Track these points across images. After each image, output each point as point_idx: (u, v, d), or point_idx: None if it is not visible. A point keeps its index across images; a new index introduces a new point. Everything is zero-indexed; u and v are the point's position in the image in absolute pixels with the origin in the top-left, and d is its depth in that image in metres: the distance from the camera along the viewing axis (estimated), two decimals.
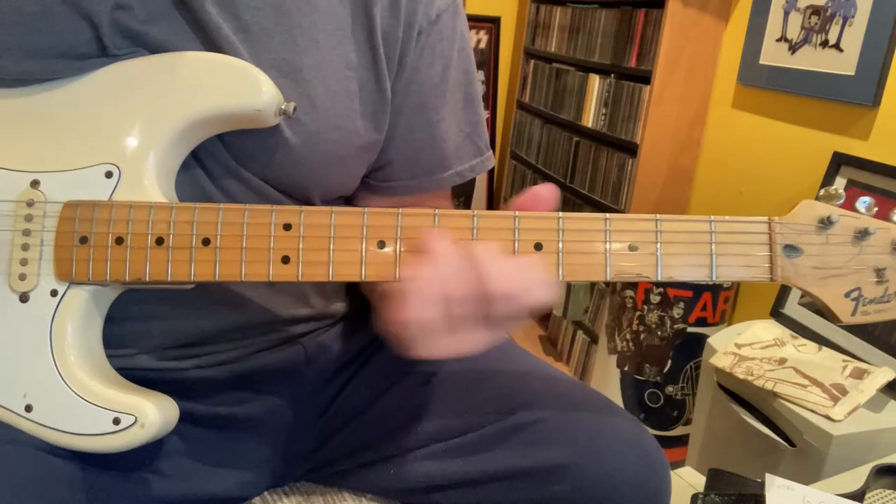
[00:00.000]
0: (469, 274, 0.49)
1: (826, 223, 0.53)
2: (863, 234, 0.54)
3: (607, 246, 0.52)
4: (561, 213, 0.52)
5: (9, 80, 0.55)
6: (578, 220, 0.52)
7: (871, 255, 0.54)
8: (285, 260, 0.52)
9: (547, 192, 0.54)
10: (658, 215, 0.53)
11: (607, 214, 0.52)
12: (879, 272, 0.54)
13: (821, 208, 0.54)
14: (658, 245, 0.53)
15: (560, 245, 0.52)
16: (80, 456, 0.54)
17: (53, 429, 0.53)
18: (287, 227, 0.52)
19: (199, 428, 0.64)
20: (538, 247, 0.52)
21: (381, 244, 0.52)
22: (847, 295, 0.54)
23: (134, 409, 0.53)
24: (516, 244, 0.52)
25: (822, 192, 0.54)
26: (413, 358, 0.52)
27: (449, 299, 0.49)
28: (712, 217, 0.53)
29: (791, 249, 0.53)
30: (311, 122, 0.60)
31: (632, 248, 0.52)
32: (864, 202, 0.54)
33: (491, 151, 0.75)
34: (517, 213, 0.52)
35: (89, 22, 0.53)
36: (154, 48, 0.55)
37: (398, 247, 0.52)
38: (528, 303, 0.50)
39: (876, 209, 0.54)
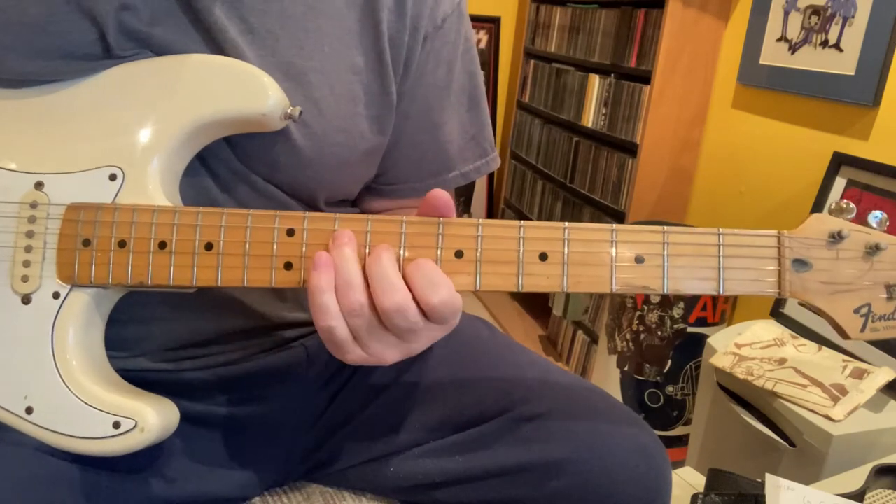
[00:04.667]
0: (360, 286, 0.49)
1: (836, 238, 0.52)
2: (874, 250, 0.52)
3: (613, 257, 0.52)
4: (567, 224, 0.52)
5: (14, 81, 0.55)
6: (584, 230, 0.52)
7: (882, 272, 0.53)
8: (288, 266, 0.52)
9: (439, 198, 0.52)
10: (665, 227, 0.52)
11: (614, 225, 0.52)
12: (890, 288, 0.53)
13: (831, 222, 0.53)
14: (665, 257, 0.52)
15: (565, 255, 0.52)
16: (80, 457, 0.54)
17: (54, 431, 0.53)
18: (290, 232, 0.52)
19: (199, 429, 0.64)
20: (543, 257, 0.51)
21: None
22: (856, 311, 0.53)
23: (134, 413, 0.52)
24: (521, 254, 0.51)
25: (833, 205, 0.53)
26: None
27: (345, 311, 0.49)
28: (721, 230, 0.52)
29: (800, 264, 0.52)
30: (317, 125, 0.60)
31: (638, 260, 0.52)
32: (875, 217, 0.53)
33: (496, 152, 0.76)
34: (522, 222, 0.52)
35: (94, 23, 0.53)
36: (158, 49, 0.55)
37: (402, 255, 0.52)
38: (428, 306, 0.49)
39: (888, 223, 0.53)
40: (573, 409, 0.64)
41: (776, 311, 1.47)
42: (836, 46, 1.46)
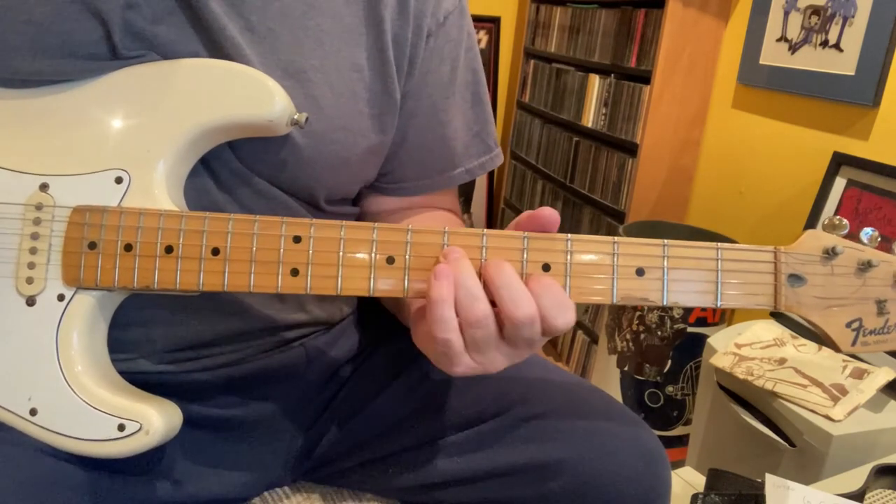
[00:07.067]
0: (484, 297, 0.49)
1: (830, 254, 0.54)
2: (866, 266, 0.54)
3: (615, 269, 0.53)
4: (570, 235, 0.52)
5: (19, 81, 0.54)
6: (587, 242, 0.53)
7: (874, 287, 0.55)
8: (294, 272, 0.52)
9: (549, 214, 0.53)
10: (666, 241, 0.53)
11: (616, 238, 0.53)
12: (881, 304, 0.55)
13: (826, 239, 0.55)
14: (665, 270, 0.53)
15: (568, 267, 0.52)
16: (83, 458, 0.54)
17: (57, 433, 0.53)
18: (297, 239, 0.52)
19: (200, 430, 0.64)
20: (546, 268, 0.52)
21: (391, 259, 0.52)
22: (848, 325, 0.55)
23: (139, 415, 0.53)
24: (524, 265, 0.52)
25: (826, 221, 0.55)
26: (447, 373, 0.52)
27: (468, 322, 0.49)
28: (719, 245, 0.53)
29: (795, 279, 0.54)
30: (317, 123, 0.60)
31: (639, 273, 0.53)
32: (867, 233, 0.55)
33: (499, 148, 0.76)
34: (526, 233, 0.52)
35: (100, 21, 0.53)
36: (161, 49, 0.55)
37: (407, 262, 0.52)
38: (552, 326, 0.50)
39: (879, 240, 0.55)
40: (572, 409, 0.64)
41: (776, 312, 1.47)
42: (836, 46, 1.46)
